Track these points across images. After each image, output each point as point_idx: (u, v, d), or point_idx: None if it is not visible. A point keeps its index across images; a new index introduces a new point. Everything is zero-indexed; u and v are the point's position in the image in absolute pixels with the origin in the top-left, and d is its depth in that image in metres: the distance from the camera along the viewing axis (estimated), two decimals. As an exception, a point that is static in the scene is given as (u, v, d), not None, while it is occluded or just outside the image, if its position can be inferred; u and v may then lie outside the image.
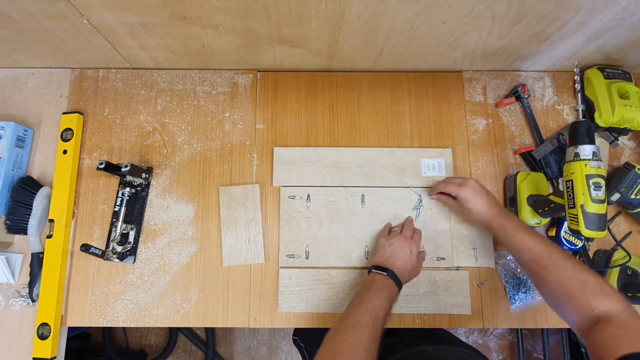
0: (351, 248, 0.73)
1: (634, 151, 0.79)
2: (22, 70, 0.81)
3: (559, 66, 0.80)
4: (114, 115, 0.79)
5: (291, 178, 0.75)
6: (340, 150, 0.77)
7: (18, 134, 0.73)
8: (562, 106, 0.81)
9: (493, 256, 0.72)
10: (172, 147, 0.78)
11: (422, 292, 0.71)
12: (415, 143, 0.78)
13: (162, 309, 0.71)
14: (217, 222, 0.74)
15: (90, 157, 0.77)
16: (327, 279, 0.71)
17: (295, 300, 0.70)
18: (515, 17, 0.61)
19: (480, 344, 1.56)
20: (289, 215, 0.74)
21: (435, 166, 0.76)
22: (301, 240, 0.73)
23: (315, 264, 0.72)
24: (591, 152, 0.57)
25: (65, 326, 0.70)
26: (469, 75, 0.82)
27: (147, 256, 0.73)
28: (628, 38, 0.68)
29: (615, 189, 0.69)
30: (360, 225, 0.74)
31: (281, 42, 0.69)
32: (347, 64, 0.79)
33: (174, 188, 0.76)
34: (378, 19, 0.61)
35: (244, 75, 0.81)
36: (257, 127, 0.79)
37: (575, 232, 0.57)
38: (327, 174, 0.75)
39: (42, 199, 0.71)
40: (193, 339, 1.50)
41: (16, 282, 0.72)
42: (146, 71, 0.81)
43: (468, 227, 0.74)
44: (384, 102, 0.80)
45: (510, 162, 0.78)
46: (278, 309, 0.70)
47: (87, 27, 0.64)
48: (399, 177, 0.76)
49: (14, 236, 0.74)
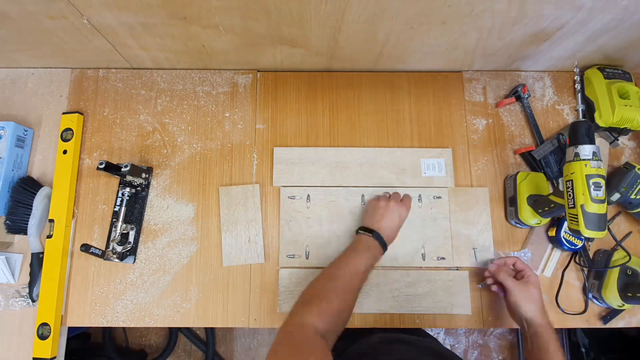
0: None
1: (634, 151, 0.79)
2: (22, 70, 0.81)
3: (559, 66, 0.80)
4: (114, 115, 0.79)
5: (291, 178, 0.75)
6: (340, 150, 0.77)
7: (18, 134, 0.74)
8: (562, 106, 0.81)
9: (494, 256, 0.72)
10: (172, 147, 0.78)
11: (421, 292, 0.71)
12: (415, 143, 0.78)
13: (162, 309, 0.71)
14: (217, 222, 0.74)
15: (90, 157, 0.77)
16: None
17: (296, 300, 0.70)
18: (515, 17, 0.61)
19: (480, 344, 1.56)
20: (289, 215, 0.74)
21: (435, 166, 0.76)
22: (301, 240, 0.73)
23: (316, 264, 0.72)
24: (591, 152, 0.57)
25: (65, 326, 0.70)
26: (469, 75, 0.82)
27: (147, 256, 0.73)
28: (628, 38, 0.68)
29: (615, 189, 0.69)
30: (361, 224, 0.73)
31: (281, 42, 0.69)
32: (347, 64, 0.79)
33: (174, 188, 0.76)
34: (378, 19, 0.61)
35: (244, 75, 0.81)
36: (257, 127, 0.79)
37: (575, 232, 0.57)
38: (327, 174, 0.75)
39: (42, 199, 0.71)
40: (193, 339, 1.50)
41: (16, 282, 0.72)
42: (146, 71, 0.81)
43: (467, 227, 0.74)
44: (384, 102, 0.80)
45: (510, 162, 0.78)
46: (278, 309, 0.70)
47: (87, 27, 0.64)
48: (399, 177, 0.76)
49: (14, 236, 0.74)
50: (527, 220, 0.70)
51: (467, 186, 0.76)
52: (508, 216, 0.75)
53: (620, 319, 0.71)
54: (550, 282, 0.73)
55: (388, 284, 0.71)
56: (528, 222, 0.70)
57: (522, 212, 0.70)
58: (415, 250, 0.73)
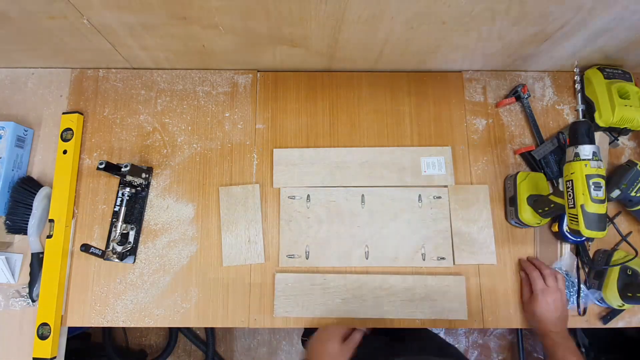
0: (351, 248, 0.73)
1: (634, 151, 0.79)
2: (22, 70, 0.81)
3: (559, 66, 0.80)
4: (114, 115, 0.79)
5: (291, 179, 0.75)
6: (340, 150, 0.77)
7: (18, 134, 0.73)
8: (562, 106, 0.81)
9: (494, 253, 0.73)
10: (172, 147, 0.77)
11: (417, 297, 0.71)
12: (415, 143, 0.78)
13: (162, 309, 0.71)
14: (217, 222, 0.74)
15: (90, 157, 0.77)
16: (323, 284, 0.71)
17: (291, 305, 0.70)
18: (515, 17, 0.61)
19: (480, 344, 1.56)
20: (289, 215, 0.74)
21: (435, 164, 0.76)
22: (301, 240, 0.73)
23: (316, 264, 0.72)
24: (591, 152, 0.57)
25: (65, 326, 0.70)
26: (469, 75, 0.82)
27: (147, 256, 0.73)
28: (628, 38, 0.68)
29: (616, 185, 0.69)
30: (360, 225, 0.74)
31: (281, 42, 0.69)
32: (347, 64, 0.79)
33: (174, 188, 0.76)
34: (378, 19, 0.61)
35: (244, 75, 0.81)
36: (257, 127, 0.79)
37: (575, 232, 0.57)
38: (327, 175, 0.75)
39: (42, 199, 0.71)
40: (193, 339, 1.50)
41: (16, 282, 0.72)
42: (146, 71, 0.81)
43: (468, 225, 0.74)
44: (384, 102, 0.80)
45: (510, 162, 0.78)
46: (274, 314, 0.70)
47: (87, 27, 0.64)
48: (399, 175, 0.76)
49: (14, 236, 0.74)
50: (527, 221, 0.70)
51: (467, 184, 0.76)
52: (508, 216, 0.75)
53: (620, 319, 0.71)
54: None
55: (384, 289, 0.71)
56: (528, 222, 0.70)
57: (522, 212, 0.70)
58: (414, 250, 0.73)
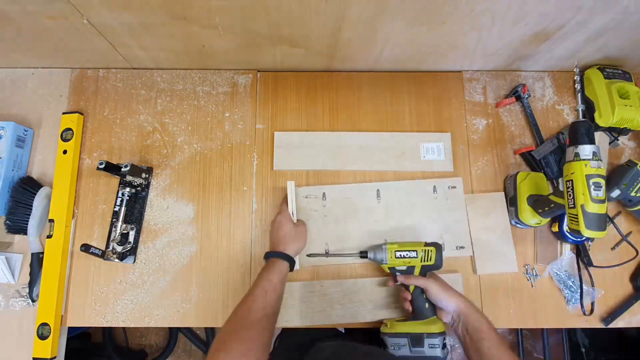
0: (370, 242, 0.72)
1: (634, 151, 0.79)
2: (22, 70, 0.81)
3: (559, 66, 0.80)
4: (114, 115, 0.79)
5: (291, 162, 0.76)
6: (340, 134, 0.78)
7: (18, 134, 0.73)
8: (562, 106, 0.81)
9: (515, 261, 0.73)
10: (172, 147, 0.77)
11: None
12: (415, 143, 0.78)
13: (162, 309, 0.71)
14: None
15: (90, 157, 0.77)
16: (321, 291, 0.71)
17: (290, 314, 0.70)
18: (515, 17, 0.61)
19: (480, 344, 1.55)
20: (306, 214, 0.74)
21: (435, 150, 0.77)
22: (320, 238, 0.73)
23: (337, 262, 0.73)
24: (591, 152, 0.57)
25: (65, 326, 0.70)
26: (469, 75, 0.82)
27: (147, 256, 0.73)
28: (628, 38, 0.68)
29: (616, 185, 0.69)
30: (378, 219, 0.74)
31: (281, 42, 0.69)
32: (347, 64, 0.79)
33: (174, 188, 0.76)
34: (378, 19, 0.61)
35: (244, 75, 0.81)
36: (257, 127, 0.79)
37: (575, 232, 0.57)
38: (327, 158, 0.76)
39: (42, 199, 0.71)
40: (193, 339, 1.50)
41: (16, 282, 0.72)
42: (146, 71, 0.81)
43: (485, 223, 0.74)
44: (384, 102, 0.80)
45: (510, 162, 0.78)
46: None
47: (87, 27, 0.64)
48: (398, 161, 0.76)
49: (14, 236, 0.74)
50: (527, 220, 0.70)
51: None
52: (508, 216, 0.75)
53: (620, 319, 0.71)
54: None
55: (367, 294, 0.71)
56: (528, 222, 0.70)
57: (522, 212, 0.70)
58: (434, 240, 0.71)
